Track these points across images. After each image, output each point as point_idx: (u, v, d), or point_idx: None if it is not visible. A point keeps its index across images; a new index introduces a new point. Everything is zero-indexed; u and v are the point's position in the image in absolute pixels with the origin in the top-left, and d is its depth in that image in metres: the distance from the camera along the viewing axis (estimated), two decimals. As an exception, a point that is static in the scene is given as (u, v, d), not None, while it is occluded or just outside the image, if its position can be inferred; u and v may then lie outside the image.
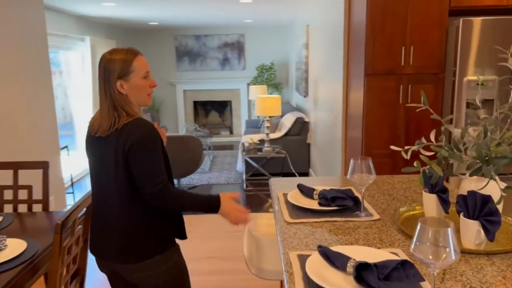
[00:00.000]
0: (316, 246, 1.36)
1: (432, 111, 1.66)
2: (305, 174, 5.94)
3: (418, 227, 0.96)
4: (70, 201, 5.07)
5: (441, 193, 1.49)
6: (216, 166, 6.80)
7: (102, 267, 1.66)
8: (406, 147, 1.69)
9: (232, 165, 6.83)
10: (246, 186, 5.54)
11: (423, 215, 1.60)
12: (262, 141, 5.75)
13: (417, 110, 3.13)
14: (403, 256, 1.27)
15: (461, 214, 1.34)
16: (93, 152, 1.59)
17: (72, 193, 5.36)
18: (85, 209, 1.80)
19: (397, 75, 3.12)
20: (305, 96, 6.05)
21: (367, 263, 1.07)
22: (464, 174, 1.49)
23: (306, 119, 5.86)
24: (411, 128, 3.20)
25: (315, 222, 1.58)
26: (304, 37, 5.93)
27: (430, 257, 0.95)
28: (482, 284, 1.10)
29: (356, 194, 1.75)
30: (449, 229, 0.92)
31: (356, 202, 1.65)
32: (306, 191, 1.81)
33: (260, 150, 5.61)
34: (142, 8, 5.67)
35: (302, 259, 1.27)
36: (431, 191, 1.55)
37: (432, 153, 1.69)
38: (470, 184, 1.41)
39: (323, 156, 4.81)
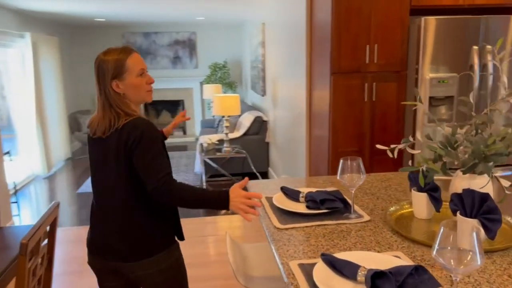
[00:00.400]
0: (314, 253, 1.30)
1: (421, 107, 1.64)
2: (265, 173, 5.90)
3: (441, 230, 0.92)
4: (15, 211, 4.67)
5: (433, 191, 1.48)
6: (172, 168, 6.57)
7: (96, 264, 1.62)
8: (392, 146, 1.67)
9: (189, 167, 6.65)
10: (206, 188, 5.40)
11: (413, 214, 1.58)
12: (221, 141, 5.63)
13: (413, 108, 3.18)
14: (405, 259, 1.23)
15: (458, 212, 1.32)
16: (93, 152, 1.59)
17: (16, 202, 4.94)
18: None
19: (362, 73, 3.14)
20: (263, 95, 6.01)
21: (382, 271, 1.02)
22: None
23: (265, 118, 5.82)
24: (376, 126, 3.24)
25: (306, 226, 1.51)
26: (260, 35, 5.88)
27: (453, 262, 0.91)
28: (491, 285, 1.09)
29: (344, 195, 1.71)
30: (474, 232, 0.88)
31: (345, 204, 1.61)
32: (291, 194, 1.74)
33: (219, 150, 5.48)
34: (87, 2, 5.33)
35: (305, 268, 1.20)
36: (421, 190, 1.53)
37: (418, 151, 1.69)
38: (462, 181, 1.41)
39: (284, 155, 4.79)
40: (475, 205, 1.27)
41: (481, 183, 1.38)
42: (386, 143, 3.25)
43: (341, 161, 1.55)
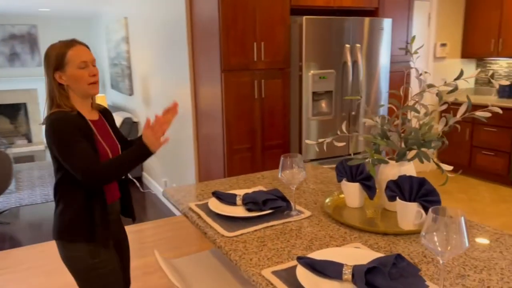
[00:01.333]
0: (279, 257, 1.25)
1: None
2: (138, 178, 5.55)
3: (430, 217, 0.97)
4: None
5: (366, 180, 1.57)
6: (24, 183, 5.68)
7: None
8: (320, 140, 1.72)
9: (44, 180, 5.83)
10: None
11: (345, 203, 1.65)
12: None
13: (358, 102, 3.28)
14: (365, 249, 1.28)
15: (397, 198, 1.43)
16: None
17: None
18: None
19: (251, 70, 3.18)
20: (130, 94, 5.61)
21: (374, 266, 1.02)
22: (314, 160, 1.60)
23: (135, 119, 5.45)
24: (266, 122, 3.32)
25: (255, 230, 1.45)
26: (123, 30, 5.47)
27: (440, 247, 0.97)
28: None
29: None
30: (462, 217, 0.95)
31: (286, 202, 1.59)
32: (226, 198, 1.64)
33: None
34: None
35: (281, 275, 1.14)
36: (352, 180, 1.61)
37: (343, 143, 1.77)
38: (392, 169, 1.52)
39: (164, 157, 4.56)
40: (414, 190, 1.39)
41: (409, 169, 1.52)
42: (275, 138, 3.37)
43: (281, 158, 1.53)
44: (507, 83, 1.56)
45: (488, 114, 1.39)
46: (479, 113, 1.41)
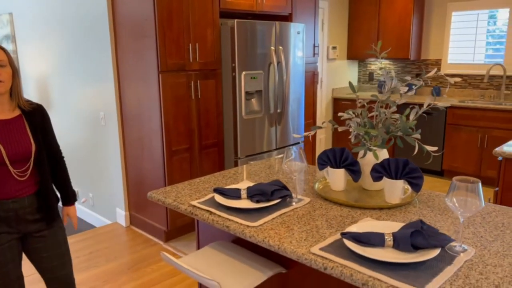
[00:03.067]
0: (314, 238, 1.40)
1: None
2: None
3: (454, 183, 1.23)
4: None
5: (351, 166, 1.81)
6: None
7: None
8: (305, 133, 1.90)
9: None
10: None
11: (330, 188, 1.86)
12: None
13: (359, 100, 3.34)
14: (380, 221, 1.51)
15: (384, 177, 1.69)
16: None
17: None
18: None
19: (187, 71, 3.20)
20: (19, 100, 5.00)
21: (415, 230, 1.25)
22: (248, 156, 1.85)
23: (28, 127, 4.89)
24: (202, 122, 3.38)
25: (273, 218, 1.57)
26: (7, 27, 4.86)
27: (460, 207, 1.24)
28: (434, 217, 1.50)
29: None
30: (479, 183, 1.23)
31: (288, 190, 1.73)
32: (230, 193, 1.72)
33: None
34: None
35: (328, 250, 1.29)
36: (337, 166, 1.84)
37: (323, 135, 1.98)
38: (369, 156, 1.79)
39: (75, 166, 4.22)
40: (399, 169, 1.67)
41: (385, 154, 1.80)
42: (211, 137, 3.45)
43: (285, 150, 1.67)
44: (458, 79, 1.95)
45: (443, 108, 1.74)
46: (440, 104, 1.75)
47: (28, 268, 3.01)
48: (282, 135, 3.83)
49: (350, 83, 1.84)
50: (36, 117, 1.85)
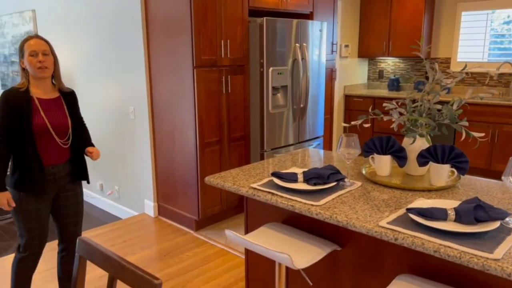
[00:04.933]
0: (377, 214, 1.53)
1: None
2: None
3: (510, 163, 1.37)
4: None
5: (398, 152, 1.95)
6: None
7: None
8: (353, 122, 2.04)
9: None
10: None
11: (375, 173, 2.00)
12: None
13: (408, 100, 3.47)
14: (434, 199, 1.65)
15: (430, 162, 1.83)
16: None
17: None
18: None
19: (218, 67, 3.33)
20: (41, 95, 5.09)
21: (477, 204, 1.39)
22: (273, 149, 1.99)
23: (50, 122, 4.98)
24: (231, 115, 3.51)
25: (333, 199, 1.70)
26: (30, 24, 4.95)
27: (516, 184, 1.39)
28: (480, 197, 1.64)
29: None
30: (532, 162, 1.38)
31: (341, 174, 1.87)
32: (287, 177, 1.85)
33: None
34: None
35: (395, 224, 1.43)
36: (383, 153, 1.97)
37: (369, 124, 2.12)
38: (418, 142, 1.93)
39: (100, 159, 4.33)
40: (446, 154, 1.81)
41: (425, 143, 1.94)
42: (238, 131, 3.58)
43: (341, 137, 1.81)
44: (503, 70, 2.08)
45: (490, 95, 1.88)
46: (482, 94, 1.90)
47: (43, 264, 3.12)
48: (303, 129, 3.97)
49: (402, 76, 1.97)
50: (70, 99, 2.27)
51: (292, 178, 1.85)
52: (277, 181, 1.83)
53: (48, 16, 4.64)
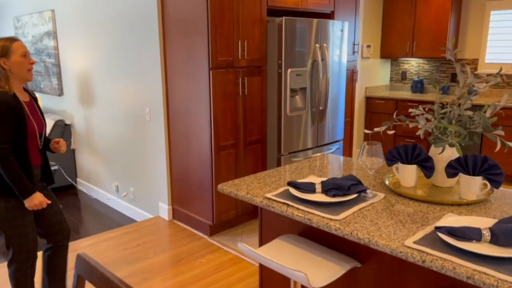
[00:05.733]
0: (401, 231, 1.40)
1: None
2: (75, 184, 5.10)
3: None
4: None
5: (424, 162, 1.81)
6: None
7: None
8: (376, 128, 1.91)
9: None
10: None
11: (399, 184, 1.86)
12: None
13: (438, 104, 3.35)
14: (466, 216, 1.50)
15: (460, 174, 1.69)
16: None
17: None
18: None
19: (235, 68, 3.23)
20: (59, 95, 5.11)
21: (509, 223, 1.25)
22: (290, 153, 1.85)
23: (67, 122, 4.99)
24: (247, 118, 3.41)
25: (354, 212, 1.58)
26: (49, 24, 4.96)
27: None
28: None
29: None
30: None
31: (363, 185, 1.74)
32: (304, 187, 1.73)
33: (17, 166, 4.40)
34: None
35: (422, 243, 1.30)
36: (408, 163, 1.84)
37: (393, 132, 1.99)
38: (446, 151, 1.79)
39: (115, 161, 4.30)
40: (478, 165, 1.66)
41: (454, 152, 1.79)
42: (255, 134, 3.48)
43: (363, 145, 1.68)
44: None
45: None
46: (518, 101, 1.74)
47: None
48: (322, 132, 3.84)
49: (432, 79, 1.83)
50: (37, 101, 2.27)
51: (310, 188, 1.73)
52: (293, 191, 1.72)
53: (66, 16, 4.63)
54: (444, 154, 1.79)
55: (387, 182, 1.86)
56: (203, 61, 3.10)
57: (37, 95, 5.66)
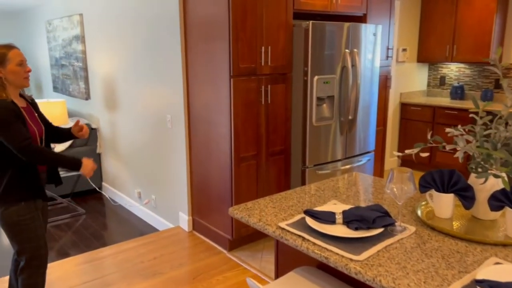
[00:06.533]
0: (433, 280, 1.19)
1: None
2: (98, 189, 5.09)
3: None
4: None
5: (463, 191, 1.57)
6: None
7: None
8: (407, 151, 1.69)
9: None
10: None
11: (433, 214, 1.63)
12: (42, 159, 4.53)
13: (481, 116, 3.18)
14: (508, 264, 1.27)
15: (506, 207, 1.44)
16: None
17: None
18: None
19: (258, 75, 3.06)
20: (86, 99, 5.11)
21: None
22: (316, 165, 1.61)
23: (94, 126, 4.98)
24: (270, 128, 3.23)
25: (378, 251, 1.37)
26: (78, 28, 4.96)
27: None
28: None
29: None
30: None
31: (390, 217, 1.53)
32: (323, 217, 1.54)
33: (43, 170, 4.42)
34: None
35: (462, 301, 1.09)
36: (444, 191, 1.60)
37: (427, 154, 1.76)
38: (490, 179, 1.54)
39: (137, 167, 4.23)
40: (529, 199, 1.41)
41: (498, 181, 1.54)
42: (278, 144, 3.29)
43: (391, 172, 1.47)
44: None
45: None
46: None
47: (86, 275, 3.00)
48: (352, 143, 3.60)
49: (473, 98, 1.60)
50: (35, 106, 2.28)
51: (329, 218, 1.53)
52: (310, 221, 1.53)
53: (93, 20, 4.61)
54: (486, 184, 1.55)
55: (419, 212, 1.64)
56: (223, 69, 2.95)
57: (66, 98, 5.72)
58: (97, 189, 5.05)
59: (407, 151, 1.68)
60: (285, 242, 1.51)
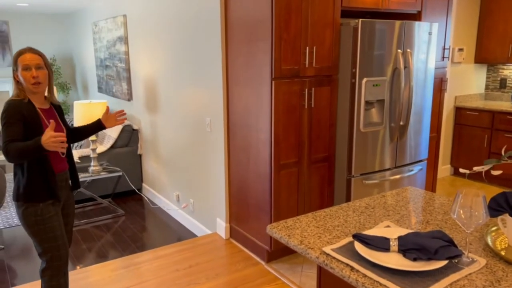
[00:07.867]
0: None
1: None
2: (138, 190, 5.09)
3: None
4: None
5: (546, 219, 1.31)
6: (7, 198, 5.07)
7: None
8: (476, 167, 1.45)
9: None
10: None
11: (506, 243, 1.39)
12: (83, 158, 4.57)
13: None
14: None
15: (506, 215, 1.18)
16: None
17: None
18: None
19: (301, 77, 2.87)
20: (128, 100, 5.12)
21: None
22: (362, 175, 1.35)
23: (135, 127, 4.98)
24: (313, 133, 3.03)
25: (442, 290, 1.15)
26: (121, 29, 4.98)
27: None
28: None
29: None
30: None
31: (455, 246, 1.30)
32: (375, 243, 1.33)
33: (85, 169, 4.45)
34: None
35: None
36: (521, 217, 1.35)
37: (500, 172, 1.50)
38: None
39: (175, 169, 4.15)
40: None
41: None
42: (321, 151, 3.08)
43: (458, 194, 1.24)
44: None
45: None
46: None
47: (128, 280, 2.93)
48: (403, 151, 3.33)
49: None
50: (59, 110, 2.28)
51: (382, 245, 1.33)
52: (360, 248, 1.33)
53: (136, 22, 4.60)
54: None
55: (488, 240, 1.39)
56: (265, 70, 2.78)
57: (110, 99, 5.78)
58: (137, 191, 5.04)
59: (475, 168, 1.44)
60: (330, 270, 1.32)
